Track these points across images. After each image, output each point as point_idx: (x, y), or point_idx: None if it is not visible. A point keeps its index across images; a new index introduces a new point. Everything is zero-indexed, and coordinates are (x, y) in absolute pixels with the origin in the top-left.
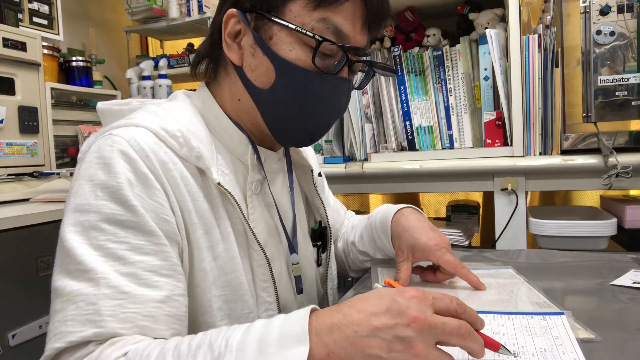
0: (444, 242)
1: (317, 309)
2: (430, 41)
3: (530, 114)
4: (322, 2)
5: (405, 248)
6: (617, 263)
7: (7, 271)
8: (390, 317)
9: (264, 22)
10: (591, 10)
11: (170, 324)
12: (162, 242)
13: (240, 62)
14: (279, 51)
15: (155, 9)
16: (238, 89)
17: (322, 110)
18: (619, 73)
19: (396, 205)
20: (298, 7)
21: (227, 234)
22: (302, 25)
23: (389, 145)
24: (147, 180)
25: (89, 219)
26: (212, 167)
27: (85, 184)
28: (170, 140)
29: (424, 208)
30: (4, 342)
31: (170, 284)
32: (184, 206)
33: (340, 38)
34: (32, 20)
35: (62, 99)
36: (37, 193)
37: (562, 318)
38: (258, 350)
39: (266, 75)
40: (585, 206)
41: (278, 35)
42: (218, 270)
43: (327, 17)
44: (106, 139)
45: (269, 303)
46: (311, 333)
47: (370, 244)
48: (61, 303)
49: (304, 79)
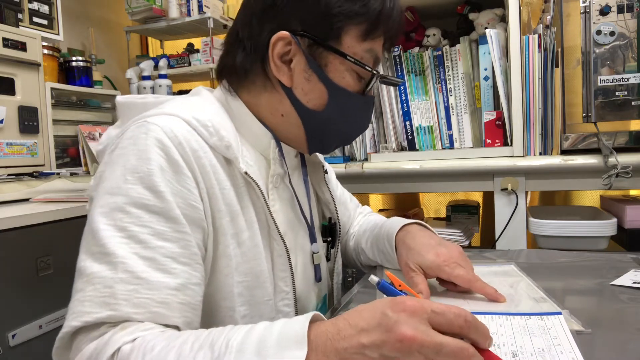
0: (454, 257)
1: (318, 317)
2: (430, 41)
3: (530, 114)
4: (370, 34)
5: (413, 266)
6: (617, 263)
7: (7, 271)
8: (380, 333)
9: (320, 50)
10: (591, 10)
11: (183, 312)
12: (184, 230)
13: (291, 84)
14: (334, 78)
15: (155, 9)
16: (285, 107)
17: (359, 126)
18: (619, 73)
19: (402, 221)
20: (350, 39)
21: (251, 222)
22: (354, 55)
23: (389, 145)
24: (179, 167)
25: (116, 200)
26: (239, 157)
27: (117, 169)
28: (201, 129)
29: (424, 208)
30: (4, 342)
31: (187, 272)
32: (212, 193)
33: (377, 63)
34: (32, 20)
35: (62, 99)
36: (37, 193)
37: (559, 318)
38: (257, 351)
39: (319, 99)
40: (585, 206)
41: (333, 63)
42: (242, 257)
43: (373, 47)
44: (140, 127)
45: (285, 292)
46: (310, 340)
47: (379, 256)
48: (82, 283)
49: (352, 103)
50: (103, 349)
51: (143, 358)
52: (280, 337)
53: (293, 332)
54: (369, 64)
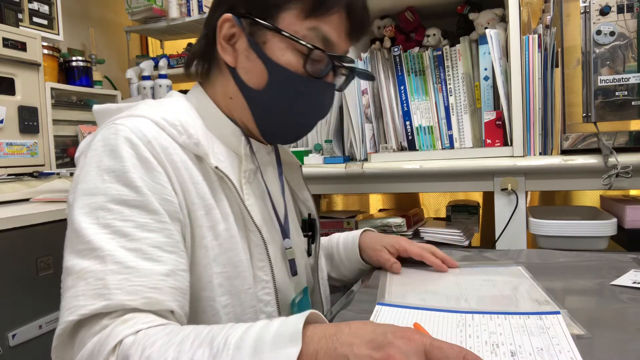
0: (405, 239)
1: (318, 319)
2: (430, 41)
3: (530, 114)
4: (312, 13)
5: (380, 247)
6: (617, 263)
7: (7, 271)
8: (370, 349)
9: (259, 28)
10: (591, 10)
11: (175, 296)
12: (165, 220)
13: (235, 64)
14: (272, 56)
15: (155, 9)
16: (231, 88)
17: (308, 111)
18: (619, 73)
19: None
20: (291, 16)
21: (226, 214)
22: (294, 33)
23: (389, 145)
24: (150, 164)
25: (96, 200)
26: (210, 153)
27: (92, 170)
28: (169, 128)
29: (424, 208)
30: (4, 342)
31: (174, 259)
32: (185, 187)
33: (327, 46)
34: (32, 20)
35: (62, 99)
36: (37, 193)
37: (558, 317)
38: (254, 349)
39: (259, 77)
40: (585, 206)
41: (272, 41)
42: (219, 248)
43: (317, 26)
44: (110, 129)
45: (265, 282)
46: (305, 336)
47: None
48: (72, 280)
49: (293, 82)
50: (105, 341)
51: (143, 352)
52: (276, 334)
53: (289, 329)
54: (313, 43)
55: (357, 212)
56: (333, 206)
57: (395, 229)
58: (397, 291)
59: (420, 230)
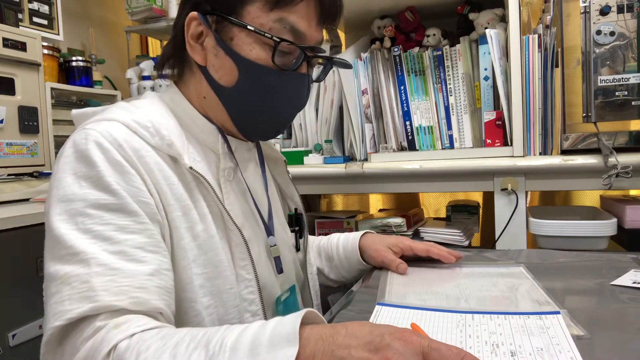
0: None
1: (316, 319)
2: (430, 41)
3: (530, 114)
4: (277, 4)
5: (383, 248)
6: (617, 263)
7: (7, 271)
8: (367, 351)
9: (225, 24)
10: (591, 10)
11: (161, 295)
12: (145, 221)
13: (204, 62)
14: (240, 51)
15: (155, 9)
16: (203, 87)
17: (284, 105)
18: (619, 73)
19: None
20: (255, 9)
21: (204, 215)
22: (260, 26)
23: (389, 145)
24: (122, 167)
25: (74, 206)
26: (184, 154)
27: (67, 177)
28: (141, 131)
29: (424, 208)
30: (4, 342)
31: (157, 259)
32: (160, 189)
33: (297, 36)
34: (32, 20)
35: (62, 99)
36: (37, 193)
37: (558, 317)
38: (250, 350)
39: (230, 74)
40: (585, 206)
41: (238, 36)
42: (198, 249)
43: (283, 17)
44: (80, 133)
45: (248, 280)
46: (302, 338)
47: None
48: (56, 286)
49: (264, 77)
50: (99, 347)
51: (138, 357)
52: (272, 335)
53: (285, 330)
54: (280, 35)
55: (357, 212)
56: (333, 206)
57: (395, 229)
58: (397, 291)
59: (420, 230)
